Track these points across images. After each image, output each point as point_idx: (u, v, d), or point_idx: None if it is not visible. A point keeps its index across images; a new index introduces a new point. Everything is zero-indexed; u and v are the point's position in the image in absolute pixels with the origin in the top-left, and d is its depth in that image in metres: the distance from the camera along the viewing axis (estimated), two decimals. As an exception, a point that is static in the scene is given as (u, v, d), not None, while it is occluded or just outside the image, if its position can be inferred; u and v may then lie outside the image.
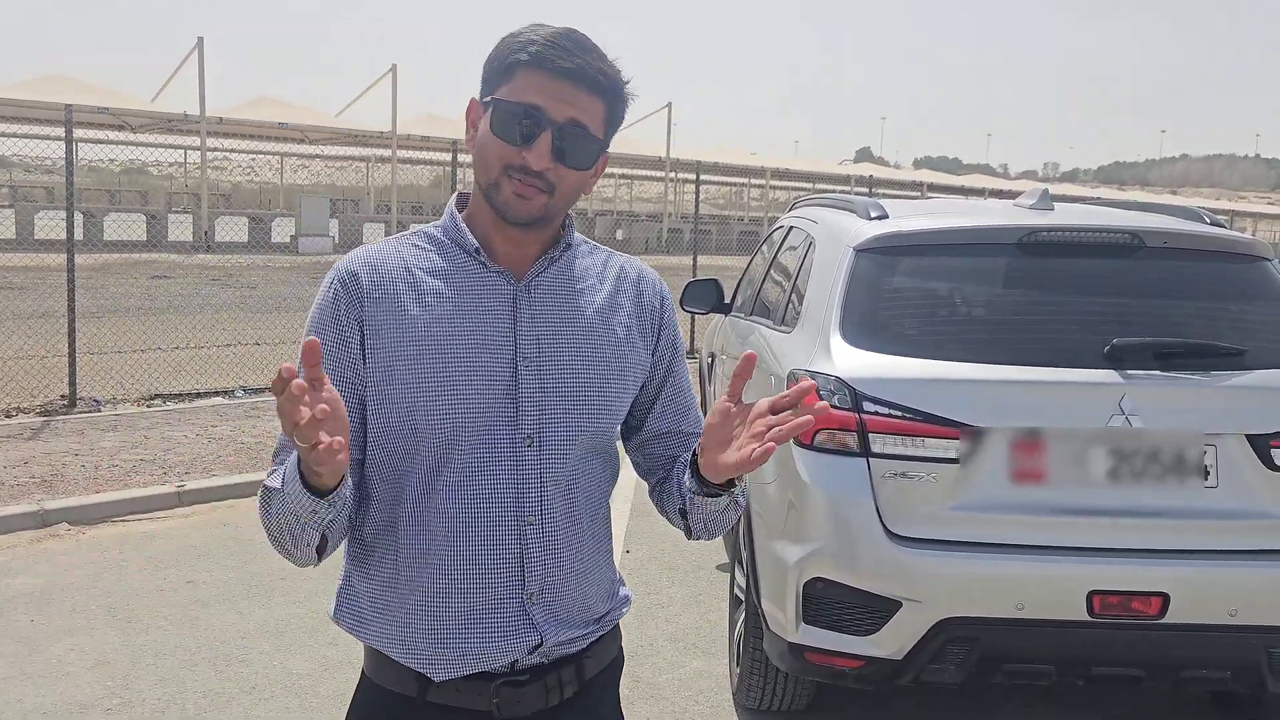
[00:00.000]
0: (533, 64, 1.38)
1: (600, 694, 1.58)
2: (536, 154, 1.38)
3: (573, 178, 1.42)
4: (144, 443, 6.87)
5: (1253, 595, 2.90)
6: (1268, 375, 3.05)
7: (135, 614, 4.37)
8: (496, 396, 1.43)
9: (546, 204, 1.42)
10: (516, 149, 1.39)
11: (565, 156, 1.40)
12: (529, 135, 1.38)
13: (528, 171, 1.39)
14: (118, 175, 51.78)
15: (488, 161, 1.41)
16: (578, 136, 1.40)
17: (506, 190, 1.40)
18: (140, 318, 12.25)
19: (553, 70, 1.37)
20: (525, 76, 1.39)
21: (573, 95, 1.39)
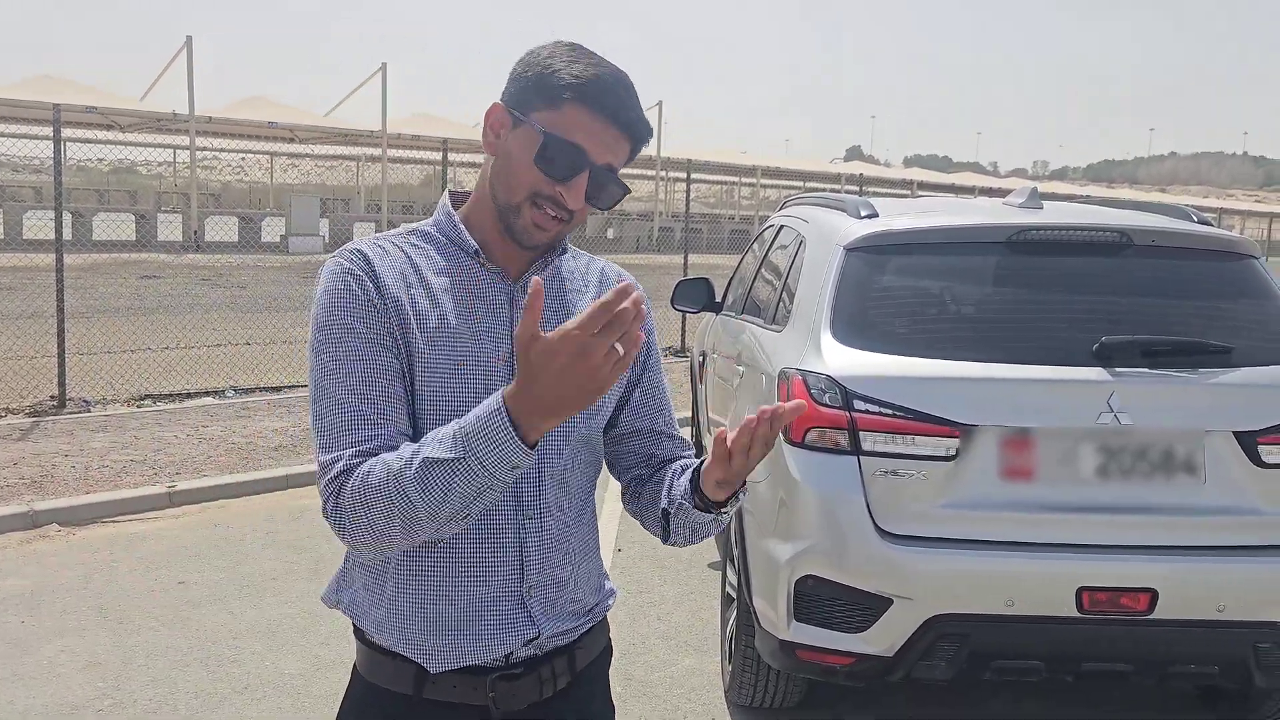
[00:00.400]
0: (588, 103, 1.38)
1: (591, 684, 1.60)
2: (574, 194, 1.40)
3: (586, 212, 1.46)
4: (134, 443, 6.85)
5: (1240, 591, 2.92)
6: (1255, 373, 3.07)
7: (126, 615, 4.37)
8: (497, 387, 1.43)
9: (560, 231, 1.45)
10: (555, 182, 1.40)
11: (596, 198, 1.43)
12: (570, 172, 1.39)
13: (558, 205, 1.41)
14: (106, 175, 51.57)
15: (517, 184, 1.42)
16: (608, 180, 1.43)
17: (527, 217, 1.42)
18: (130, 318, 12.21)
19: (607, 116, 1.39)
20: (577, 113, 1.38)
21: (615, 142, 1.41)
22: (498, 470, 1.25)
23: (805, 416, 3.05)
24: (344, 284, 1.41)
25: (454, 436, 1.27)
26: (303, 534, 5.42)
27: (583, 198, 1.40)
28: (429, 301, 1.44)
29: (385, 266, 1.44)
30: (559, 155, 1.39)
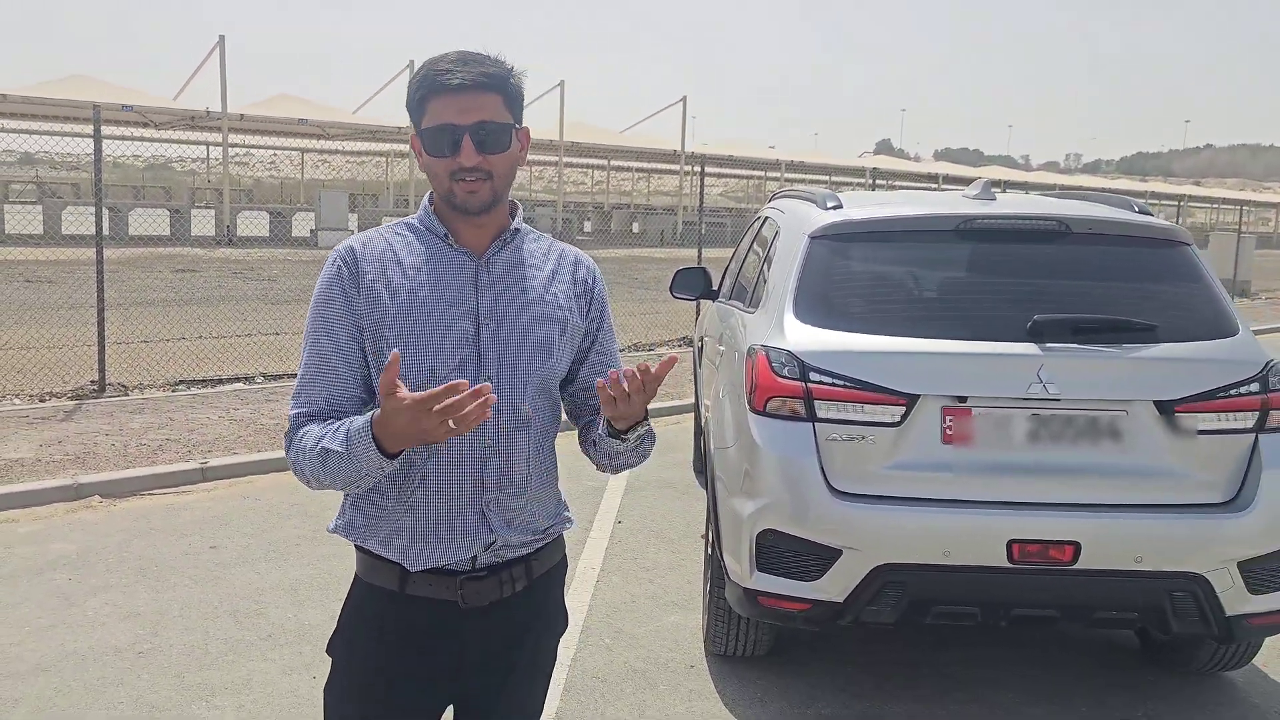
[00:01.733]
0: (432, 93, 1.79)
1: (546, 589, 1.98)
2: (465, 154, 1.78)
3: (501, 161, 1.81)
4: (170, 424, 7.30)
5: (1156, 544, 3.23)
6: (1177, 348, 3.38)
7: (162, 574, 4.78)
8: (465, 347, 1.82)
9: (492, 190, 1.82)
10: (451, 158, 1.79)
11: (486, 146, 1.79)
12: (454, 145, 1.78)
13: (465, 170, 1.79)
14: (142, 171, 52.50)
15: (438, 176, 1.83)
16: (489, 129, 1.79)
17: (459, 192, 1.81)
18: (165, 309, 12.72)
19: (448, 90, 1.77)
20: (433, 104, 1.79)
21: (472, 101, 1.78)
22: (369, 466, 1.69)
23: (765, 386, 3.40)
24: (332, 274, 1.85)
25: (346, 435, 1.70)
26: (326, 504, 5.82)
27: (474, 154, 1.77)
28: (403, 278, 1.84)
29: (368, 255, 1.86)
30: (437, 140, 1.79)
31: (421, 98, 1.79)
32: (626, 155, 45.58)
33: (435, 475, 1.82)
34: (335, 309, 1.82)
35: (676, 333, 12.58)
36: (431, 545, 1.83)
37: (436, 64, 1.79)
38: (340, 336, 1.82)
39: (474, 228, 1.86)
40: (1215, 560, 3.22)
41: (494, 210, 1.84)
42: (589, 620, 4.40)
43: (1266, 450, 3.31)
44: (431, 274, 1.83)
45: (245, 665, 3.90)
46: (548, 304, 1.90)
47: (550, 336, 1.89)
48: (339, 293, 1.83)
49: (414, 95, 1.80)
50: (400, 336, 1.79)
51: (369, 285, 1.81)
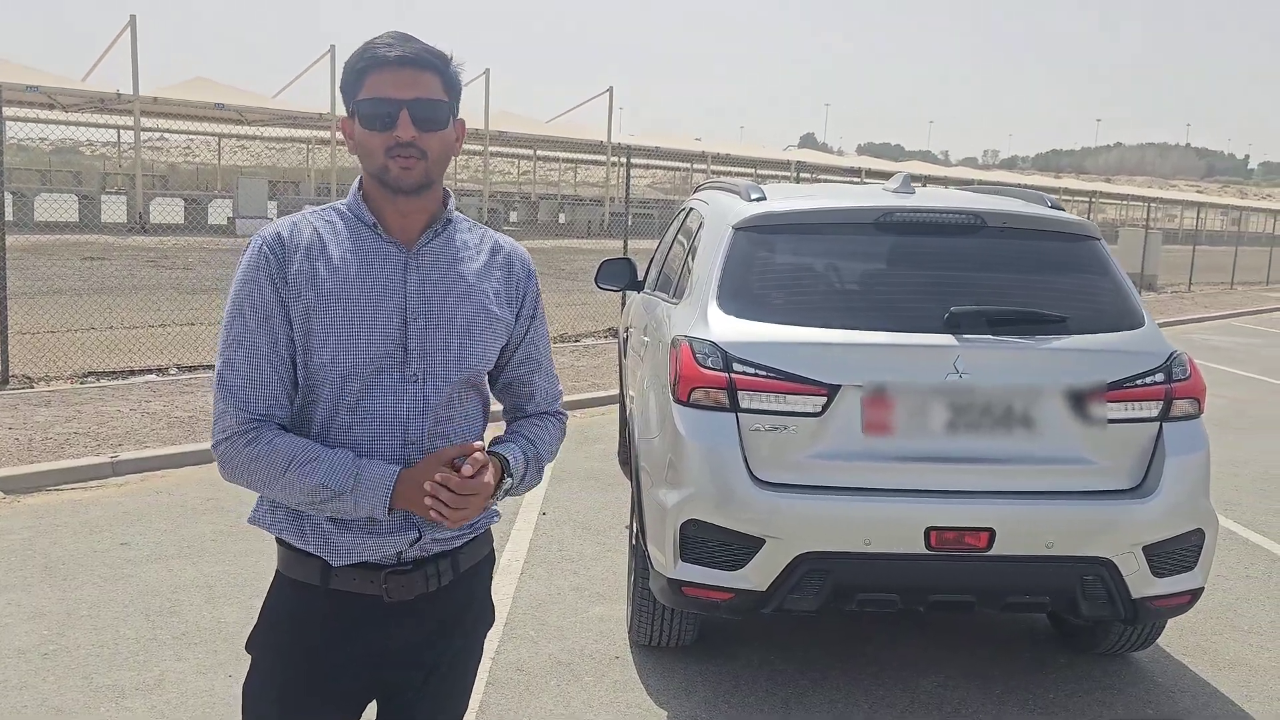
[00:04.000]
0: (371, 66, 1.74)
1: (472, 583, 1.95)
2: (402, 128, 1.72)
3: (436, 141, 1.76)
4: (78, 417, 7.05)
5: (1067, 529, 3.32)
6: (1088, 339, 3.48)
7: (70, 572, 4.62)
8: (390, 341, 1.77)
9: (426, 168, 1.77)
10: (385, 134, 1.73)
11: (423, 124, 1.74)
12: (392, 118, 1.72)
13: (401, 145, 1.73)
14: (49, 155, 50.52)
15: (372, 151, 1.75)
16: (427, 106, 1.74)
17: (393, 168, 1.74)
18: (74, 298, 12.25)
19: (388, 64, 1.73)
20: (372, 78, 1.74)
21: (411, 77, 1.73)
22: (361, 510, 1.73)
23: (689, 376, 3.41)
24: (257, 260, 1.76)
25: (356, 477, 1.71)
26: (243, 499, 5.68)
27: (411, 128, 1.72)
28: (328, 270, 1.77)
29: (295, 244, 1.78)
30: (372, 111, 1.73)
31: (361, 70, 1.74)
32: (553, 145, 45.30)
33: None
34: (263, 297, 1.74)
35: (603, 324, 12.57)
36: (355, 540, 1.78)
37: (375, 41, 1.75)
38: (271, 327, 1.75)
39: (403, 216, 1.80)
40: (1122, 545, 3.33)
41: (425, 194, 1.79)
42: (513, 612, 4.37)
43: (1170, 438, 3.43)
44: (359, 265, 1.78)
45: (158, 665, 3.79)
46: (478, 297, 1.85)
47: (480, 331, 1.84)
48: (265, 280, 1.75)
49: (351, 69, 1.75)
50: (325, 330, 1.74)
51: (295, 275, 1.75)
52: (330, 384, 1.76)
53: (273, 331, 1.75)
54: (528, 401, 2.01)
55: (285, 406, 1.77)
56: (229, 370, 1.76)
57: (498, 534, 5.23)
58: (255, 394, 1.75)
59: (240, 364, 1.75)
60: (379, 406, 1.77)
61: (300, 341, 1.76)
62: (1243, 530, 5.95)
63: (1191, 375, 3.51)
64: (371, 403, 1.77)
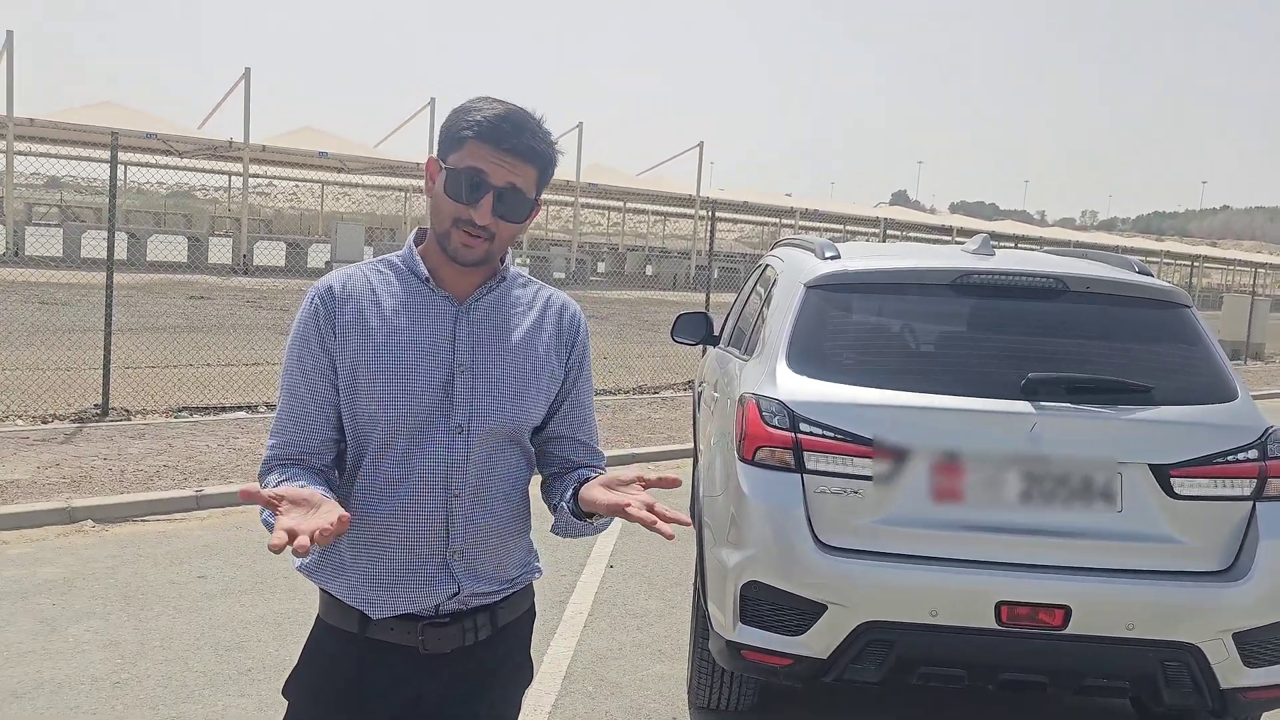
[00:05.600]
0: (479, 138, 1.73)
1: (512, 639, 1.94)
2: (481, 212, 1.73)
3: (509, 229, 1.78)
4: (168, 450, 7.29)
5: (1149, 611, 3.16)
6: (1173, 411, 3.33)
7: (148, 603, 4.75)
8: (436, 394, 1.79)
9: (488, 250, 1.78)
10: (464, 206, 1.74)
11: (505, 214, 1.75)
12: (474, 197, 1.73)
13: (473, 224, 1.74)
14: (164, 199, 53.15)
15: (442, 215, 1.77)
16: (514, 198, 1.75)
17: (455, 239, 1.77)
18: (175, 335, 12.78)
19: (495, 145, 1.73)
20: (473, 148, 1.73)
21: (511, 164, 1.74)
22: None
23: (755, 435, 3.36)
24: (309, 312, 1.82)
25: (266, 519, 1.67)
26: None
27: (489, 214, 1.73)
28: (380, 320, 1.80)
29: (347, 294, 1.82)
30: (462, 182, 1.73)
31: (465, 137, 1.72)
32: (642, 198, 45.84)
33: (400, 525, 1.78)
34: (309, 348, 1.80)
35: (683, 376, 12.56)
36: (393, 593, 1.79)
37: (492, 110, 1.72)
38: (313, 377, 1.80)
39: (460, 274, 1.82)
40: (1210, 630, 3.15)
41: (482, 266, 1.81)
42: (573, 667, 4.33)
43: (1264, 519, 3.25)
44: (409, 317, 1.80)
45: (221, 700, 3.85)
46: (526, 353, 1.86)
47: (526, 387, 1.85)
48: (314, 331, 1.80)
49: (457, 129, 1.73)
50: (372, 379, 1.76)
51: (345, 325, 1.78)
52: (377, 433, 1.78)
53: (314, 382, 1.80)
54: (575, 454, 1.99)
55: (323, 453, 1.81)
56: (278, 414, 1.84)
57: (564, 586, 5.24)
58: (290, 438, 1.81)
59: (283, 409, 1.83)
60: (424, 457, 1.78)
61: (346, 391, 1.79)
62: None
63: (1289, 453, 3.33)
64: (417, 453, 1.78)
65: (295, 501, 1.58)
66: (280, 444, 1.81)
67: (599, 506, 1.72)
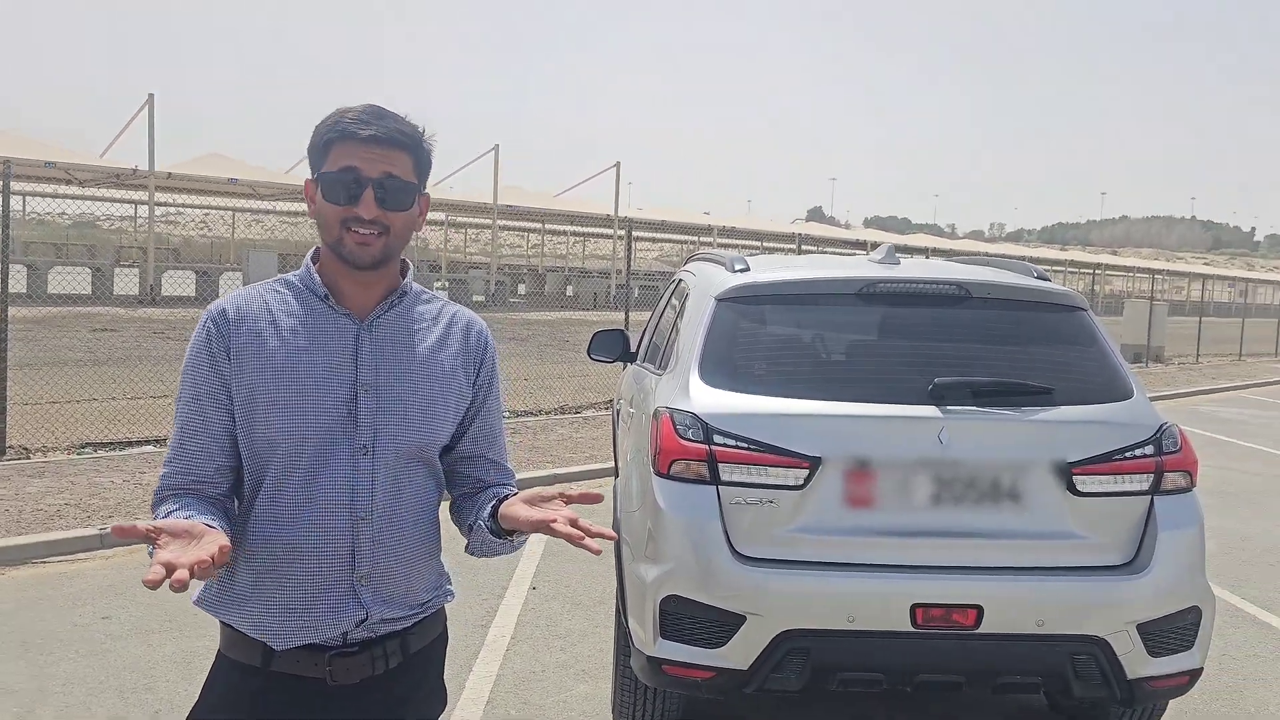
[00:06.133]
0: (341, 139, 1.72)
1: (424, 665, 1.89)
2: (365, 206, 1.71)
3: (400, 218, 1.75)
4: (70, 488, 7.00)
5: (1057, 607, 3.23)
6: (1074, 411, 3.43)
7: (48, 647, 4.54)
8: (339, 414, 1.74)
9: (385, 245, 1.75)
10: (348, 207, 1.71)
11: (388, 203, 1.72)
12: (354, 194, 1.71)
13: (361, 222, 1.71)
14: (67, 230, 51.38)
15: (329, 224, 1.74)
16: (394, 185, 1.73)
17: (349, 243, 1.73)
18: (78, 369, 12.32)
19: (358, 139, 1.71)
20: (339, 149, 1.72)
21: (381, 154, 1.71)
22: None
23: (669, 449, 3.36)
24: (201, 336, 1.77)
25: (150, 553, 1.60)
26: (228, 573, 5.60)
27: (374, 207, 1.71)
28: (277, 340, 1.75)
29: (241, 316, 1.76)
30: (337, 184, 1.71)
31: (328, 142, 1.72)
32: (561, 219, 45.87)
33: (304, 551, 1.73)
34: (202, 374, 1.74)
35: (605, 395, 12.53)
36: (298, 622, 1.73)
37: (347, 112, 1.72)
38: (205, 403, 1.74)
39: (360, 286, 1.78)
40: (1115, 623, 3.23)
41: (382, 268, 1.77)
42: (495, 691, 4.26)
43: (1162, 512, 3.36)
44: (309, 336, 1.75)
45: (126, 745, 3.69)
46: (432, 370, 1.82)
47: (433, 405, 1.81)
48: (206, 356, 1.75)
49: (320, 139, 1.73)
50: (271, 402, 1.71)
51: (240, 348, 1.73)
52: (278, 457, 1.73)
53: (206, 408, 1.75)
54: (486, 473, 1.96)
55: (218, 481, 1.76)
56: (171, 442, 1.78)
57: (486, 609, 5.16)
58: (183, 466, 1.75)
59: (176, 437, 1.76)
60: (328, 480, 1.73)
61: (244, 415, 1.73)
62: (1250, 608, 5.80)
63: (1183, 447, 3.45)
64: (320, 476, 1.73)
65: (175, 534, 1.51)
66: (172, 473, 1.75)
67: (522, 524, 1.69)
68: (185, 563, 1.42)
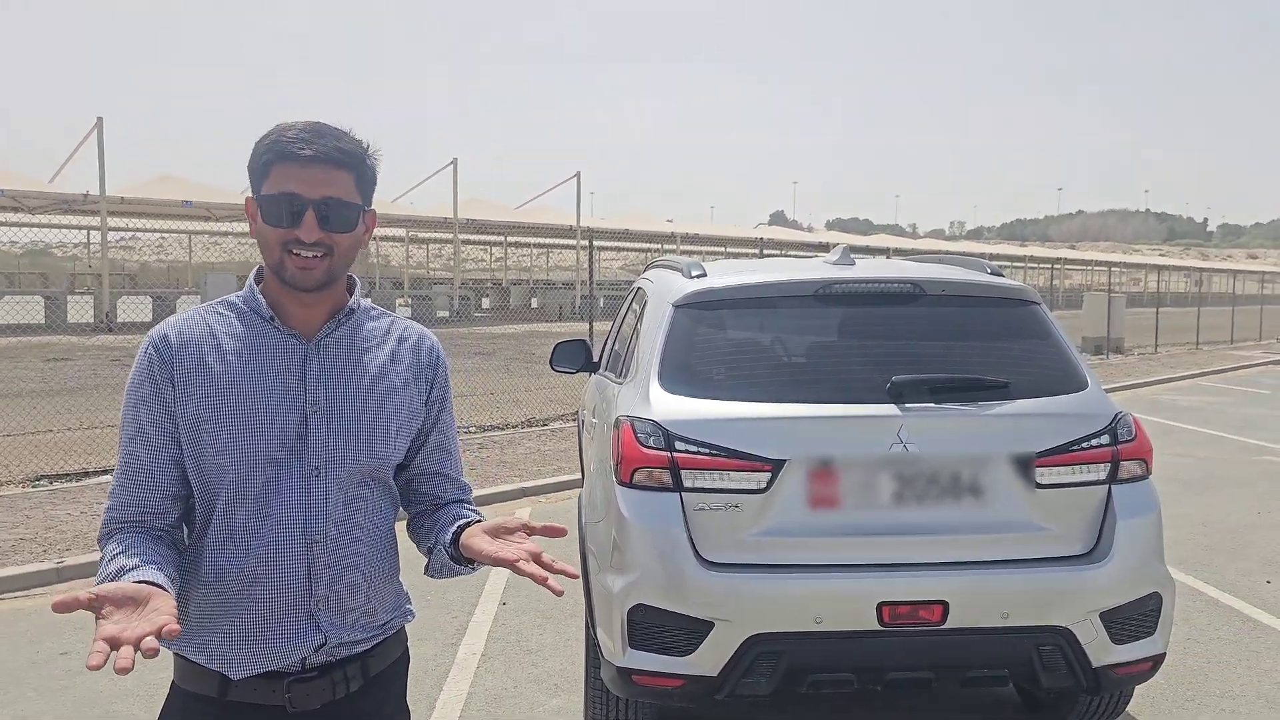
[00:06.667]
0: (280, 159, 1.67)
1: (386, 687, 1.85)
2: (306, 230, 1.66)
3: (344, 240, 1.71)
4: (25, 522, 6.86)
5: (1021, 599, 3.25)
6: (1031, 404, 3.45)
7: (5, 686, 4.43)
8: (289, 437, 1.70)
9: (329, 267, 1.70)
10: (289, 229, 1.66)
11: (331, 224, 1.68)
12: (295, 217, 1.66)
13: (302, 244, 1.67)
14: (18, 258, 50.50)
15: (270, 246, 1.69)
16: (336, 206, 1.68)
17: (291, 266, 1.68)
18: (32, 400, 12.09)
19: (298, 160, 1.66)
20: (279, 171, 1.67)
21: (321, 175, 1.67)
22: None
23: (631, 457, 3.34)
24: (144, 363, 1.72)
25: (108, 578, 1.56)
26: (191, 602, 5.50)
27: (316, 230, 1.66)
28: (222, 365, 1.70)
29: (184, 341, 1.72)
30: (277, 207, 1.66)
31: (266, 163, 1.66)
32: (523, 231, 45.75)
33: (259, 578, 1.69)
34: (145, 402, 1.70)
35: (572, 407, 12.49)
36: (255, 650, 1.69)
37: (286, 130, 1.66)
38: (149, 432, 1.69)
39: (305, 306, 1.74)
40: (1078, 612, 3.26)
41: (326, 290, 1.73)
42: (467, 710, 4.21)
43: (1119, 501, 3.39)
44: (255, 359, 1.71)
45: (87, 782, 3.60)
46: (383, 388, 1.79)
47: (385, 423, 1.78)
48: (149, 383, 1.70)
49: (258, 159, 1.67)
50: (219, 428, 1.67)
51: (185, 374, 1.69)
52: (227, 483, 1.69)
53: (150, 437, 1.70)
54: (443, 490, 1.93)
55: (165, 512, 1.72)
56: (115, 473, 1.74)
57: (456, 626, 5.11)
58: (129, 498, 1.71)
59: (120, 468, 1.72)
60: (280, 504, 1.70)
61: (190, 443, 1.69)
62: (1213, 591, 5.88)
63: (1137, 436, 3.48)
64: (272, 501, 1.70)
65: (118, 603, 1.41)
66: (118, 504, 1.71)
67: (484, 558, 1.66)
68: (129, 639, 1.34)
